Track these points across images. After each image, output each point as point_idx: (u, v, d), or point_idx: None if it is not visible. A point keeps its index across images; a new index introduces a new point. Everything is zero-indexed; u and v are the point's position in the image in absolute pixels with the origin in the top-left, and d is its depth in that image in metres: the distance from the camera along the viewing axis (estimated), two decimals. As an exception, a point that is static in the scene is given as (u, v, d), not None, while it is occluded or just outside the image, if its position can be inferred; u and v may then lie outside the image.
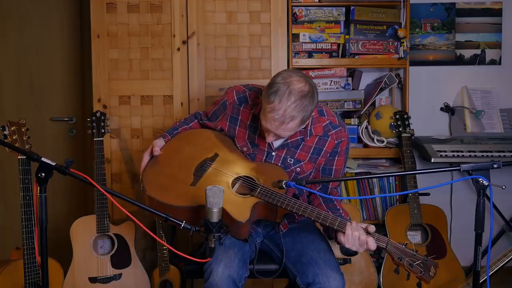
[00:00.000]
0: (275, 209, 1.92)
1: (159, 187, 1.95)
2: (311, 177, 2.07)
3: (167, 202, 1.89)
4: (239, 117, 2.08)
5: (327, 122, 2.02)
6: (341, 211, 2.01)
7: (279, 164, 2.04)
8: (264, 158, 2.05)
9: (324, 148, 2.02)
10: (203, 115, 2.26)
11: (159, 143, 2.09)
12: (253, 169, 2.02)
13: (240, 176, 2.01)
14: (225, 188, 1.88)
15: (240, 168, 2.03)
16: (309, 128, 1.99)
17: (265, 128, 1.90)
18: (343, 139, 2.02)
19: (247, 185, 1.98)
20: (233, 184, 1.98)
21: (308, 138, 2.01)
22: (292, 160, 2.03)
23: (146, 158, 2.07)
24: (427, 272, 1.69)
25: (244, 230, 1.91)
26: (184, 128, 2.22)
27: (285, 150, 2.04)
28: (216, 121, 2.17)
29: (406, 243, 1.75)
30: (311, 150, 2.02)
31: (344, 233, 1.77)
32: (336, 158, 2.04)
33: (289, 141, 2.02)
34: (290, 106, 1.77)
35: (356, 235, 1.75)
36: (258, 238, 2.13)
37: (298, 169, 2.04)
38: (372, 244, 1.73)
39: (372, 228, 1.77)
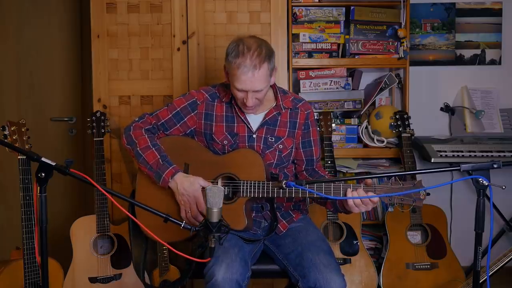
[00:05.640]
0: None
1: (161, 228, 1.83)
2: (292, 156, 2.16)
3: (173, 241, 1.91)
4: (214, 113, 2.12)
5: (292, 97, 2.18)
6: (326, 177, 2.16)
7: (261, 145, 2.10)
8: (246, 143, 2.09)
9: (298, 121, 2.15)
10: (157, 128, 2.13)
11: (200, 181, 1.97)
12: (227, 163, 2.03)
13: (217, 177, 2.02)
14: None
15: (214, 168, 2.04)
16: (280, 103, 2.12)
17: (241, 92, 1.96)
18: (309, 110, 2.19)
19: (230, 187, 2.00)
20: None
21: (283, 111, 2.13)
22: (273, 138, 2.12)
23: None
24: (418, 197, 1.79)
25: (249, 226, 1.99)
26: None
27: (264, 130, 2.11)
28: (179, 125, 2.12)
29: (393, 177, 1.84)
30: (288, 124, 2.14)
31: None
32: (310, 129, 2.19)
33: (267, 118, 2.11)
34: (253, 54, 1.91)
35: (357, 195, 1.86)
36: (258, 243, 2.11)
37: (281, 146, 2.12)
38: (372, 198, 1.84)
39: (369, 182, 1.88)
